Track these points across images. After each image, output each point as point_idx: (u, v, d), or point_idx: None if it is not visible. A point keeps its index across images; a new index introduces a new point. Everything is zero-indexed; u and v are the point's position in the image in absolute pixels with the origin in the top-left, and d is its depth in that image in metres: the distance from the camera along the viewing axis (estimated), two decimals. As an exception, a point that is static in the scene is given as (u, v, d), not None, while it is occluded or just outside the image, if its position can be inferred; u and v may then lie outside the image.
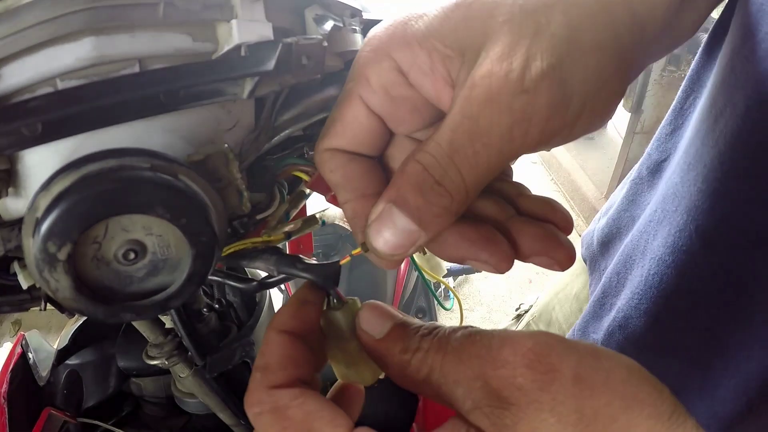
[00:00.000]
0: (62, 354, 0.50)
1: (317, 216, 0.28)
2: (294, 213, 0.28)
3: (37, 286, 0.20)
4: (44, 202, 0.17)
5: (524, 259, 0.24)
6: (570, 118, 0.20)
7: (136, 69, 0.20)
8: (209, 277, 0.22)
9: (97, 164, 0.17)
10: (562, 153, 3.27)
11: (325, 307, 0.23)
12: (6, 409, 0.49)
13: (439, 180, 0.20)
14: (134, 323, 0.32)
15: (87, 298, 0.19)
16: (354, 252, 0.24)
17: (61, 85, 0.20)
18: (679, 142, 0.41)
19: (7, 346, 2.07)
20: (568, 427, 0.16)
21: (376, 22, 0.31)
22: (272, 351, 0.21)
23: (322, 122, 0.29)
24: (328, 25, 0.24)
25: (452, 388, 0.18)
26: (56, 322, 2.85)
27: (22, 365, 0.52)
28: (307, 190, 0.27)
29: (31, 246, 0.17)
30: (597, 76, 0.19)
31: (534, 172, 3.53)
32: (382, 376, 0.23)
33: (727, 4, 0.35)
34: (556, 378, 0.17)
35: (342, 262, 0.24)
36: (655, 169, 0.45)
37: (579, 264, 0.60)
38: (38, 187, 0.19)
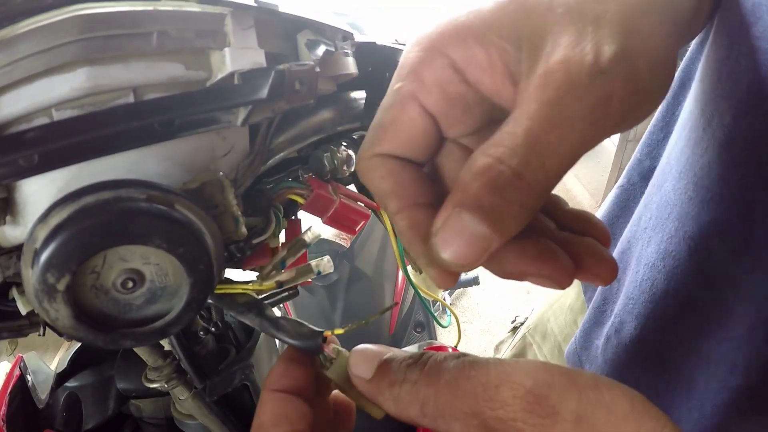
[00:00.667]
0: (61, 377, 0.49)
1: (312, 264, 0.28)
2: (290, 262, 0.28)
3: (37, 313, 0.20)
4: (42, 234, 0.17)
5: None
6: (642, 96, 0.19)
7: (131, 99, 0.20)
8: (207, 301, 0.22)
9: (94, 196, 0.17)
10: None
11: (318, 365, 0.24)
12: (3, 425, 0.49)
13: (518, 172, 0.18)
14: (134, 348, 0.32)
15: (87, 326, 0.19)
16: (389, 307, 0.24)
17: (56, 115, 0.20)
18: (669, 149, 0.42)
19: (5, 365, 2.04)
20: None
21: (368, 44, 0.32)
22: (266, 411, 0.21)
23: (315, 144, 0.29)
24: (321, 50, 0.24)
25: (449, 422, 0.18)
26: (53, 342, 2.83)
27: (20, 387, 0.51)
28: (309, 239, 0.27)
29: (30, 276, 0.17)
30: (655, 58, 0.20)
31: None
32: (379, 416, 0.23)
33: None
34: (557, 421, 0.17)
35: (326, 334, 0.24)
36: (647, 176, 0.46)
37: None
38: (36, 216, 0.19)
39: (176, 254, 0.17)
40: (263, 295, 0.27)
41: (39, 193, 0.21)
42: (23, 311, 0.25)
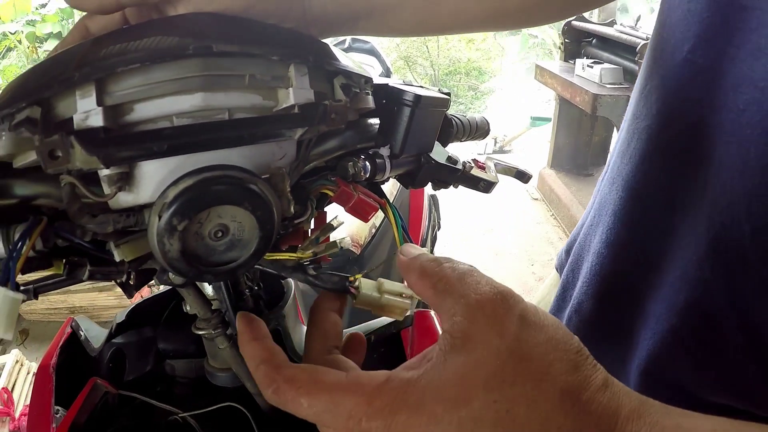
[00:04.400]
0: (111, 334, 0.59)
1: (337, 241, 0.39)
2: (322, 239, 0.39)
3: (153, 250, 0.30)
4: (173, 192, 0.27)
5: None
6: None
7: (226, 116, 0.31)
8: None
9: (210, 172, 0.27)
10: (562, 189, 3.40)
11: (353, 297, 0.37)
12: (53, 379, 0.59)
13: None
14: (189, 301, 0.42)
15: (185, 261, 0.29)
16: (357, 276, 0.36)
17: (176, 121, 0.30)
18: (608, 160, 0.55)
19: (15, 352, 2.14)
20: (505, 346, 0.26)
21: (383, 85, 0.43)
22: (318, 318, 0.36)
23: (341, 156, 0.40)
24: (351, 92, 0.35)
25: (446, 298, 0.28)
26: None
27: (70, 342, 0.61)
28: (335, 224, 0.38)
29: (158, 221, 0.28)
30: None
31: (535, 208, 3.65)
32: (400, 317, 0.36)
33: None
34: (511, 308, 0.27)
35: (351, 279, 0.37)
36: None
37: (554, 275, 0.71)
38: (148, 187, 0.29)
39: (255, 215, 0.28)
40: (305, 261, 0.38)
41: (154, 171, 0.31)
42: (117, 259, 0.35)
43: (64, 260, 0.35)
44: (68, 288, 2.78)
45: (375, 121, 0.42)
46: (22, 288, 0.33)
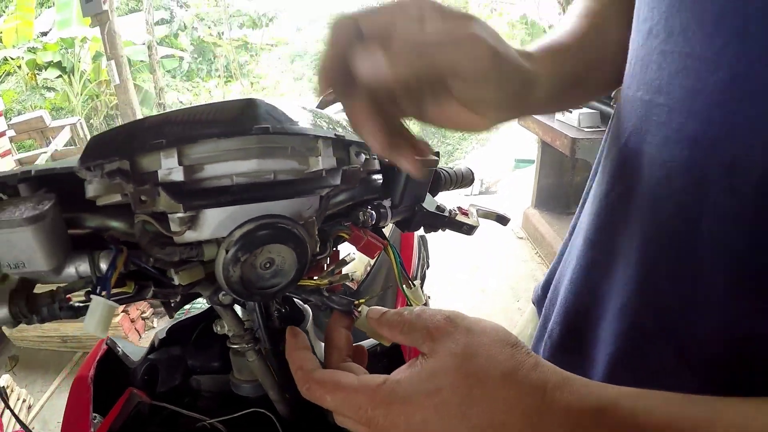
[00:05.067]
0: (153, 348, 0.69)
1: (348, 274, 0.49)
2: (336, 271, 0.49)
3: (218, 276, 0.40)
4: (239, 233, 0.38)
5: None
6: None
7: (272, 177, 0.41)
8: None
9: (267, 220, 0.38)
10: (545, 228, 3.53)
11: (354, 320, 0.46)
12: (91, 389, 0.67)
13: None
14: (226, 320, 0.52)
15: (242, 285, 0.39)
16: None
17: (236, 180, 0.41)
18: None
19: (5, 377, 2.16)
20: (459, 350, 0.36)
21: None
22: (334, 335, 0.45)
23: (352, 206, 0.50)
24: (362, 158, 0.46)
25: (413, 334, 0.39)
26: (54, 362, 2.97)
27: (106, 357, 0.70)
28: (348, 260, 0.49)
29: (225, 254, 0.38)
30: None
31: (520, 247, 3.78)
32: (387, 344, 0.45)
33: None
34: (457, 326, 0.38)
35: (355, 303, 0.46)
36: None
37: (531, 309, 0.81)
38: (209, 228, 0.40)
39: (295, 252, 0.38)
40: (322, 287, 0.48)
41: (215, 215, 0.41)
42: (177, 283, 0.45)
43: (134, 282, 0.45)
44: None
45: (378, 177, 0.53)
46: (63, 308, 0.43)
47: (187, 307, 0.92)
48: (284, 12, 11.84)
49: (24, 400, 2.52)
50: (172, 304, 0.53)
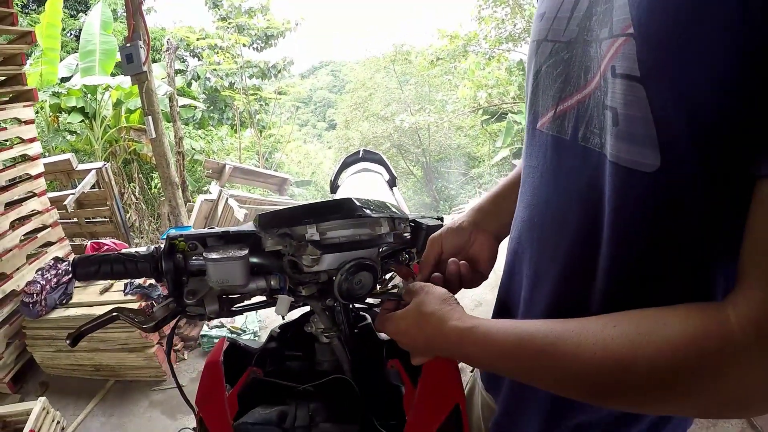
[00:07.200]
0: (271, 338, 1.04)
1: (396, 291, 0.87)
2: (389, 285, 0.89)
3: (335, 289, 0.79)
4: (347, 266, 0.77)
5: None
6: None
7: (359, 237, 0.81)
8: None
9: (362, 260, 0.78)
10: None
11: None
12: (222, 368, 0.94)
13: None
14: (321, 319, 0.89)
15: (347, 293, 0.78)
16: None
17: (342, 239, 0.80)
18: None
19: (42, 400, 2.41)
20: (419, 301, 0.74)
21: (413, 219, 0.95)
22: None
23: (392, 251, 0.90)
24: (401, 226, 0.86)
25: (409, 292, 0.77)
26: (86, 389, 3.16)
27: (229, 348, 1.05)
28: (398, 283, 0.88)
29: (341, 277, 0.77)
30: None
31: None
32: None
33: None
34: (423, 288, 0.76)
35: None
36: None
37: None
38: (324, 264, 0.78)
39: (373, 275, 0.78)
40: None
41: (326, 259, 0.80)
42: (304, 294, 0.84)
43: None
44: (96, 347, 3.06)
45: (407, 234, 0.93)
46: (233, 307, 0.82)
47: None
48: (291, 64, 12.46)
49: (58, 422, 2.72)
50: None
